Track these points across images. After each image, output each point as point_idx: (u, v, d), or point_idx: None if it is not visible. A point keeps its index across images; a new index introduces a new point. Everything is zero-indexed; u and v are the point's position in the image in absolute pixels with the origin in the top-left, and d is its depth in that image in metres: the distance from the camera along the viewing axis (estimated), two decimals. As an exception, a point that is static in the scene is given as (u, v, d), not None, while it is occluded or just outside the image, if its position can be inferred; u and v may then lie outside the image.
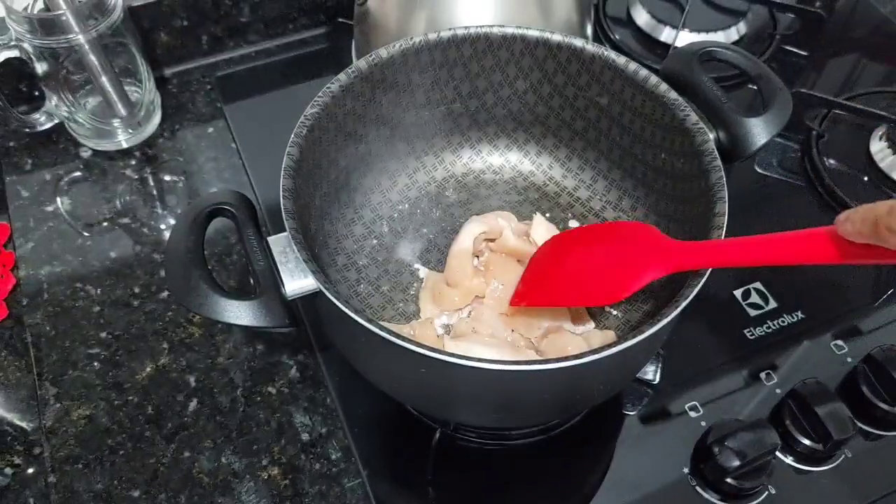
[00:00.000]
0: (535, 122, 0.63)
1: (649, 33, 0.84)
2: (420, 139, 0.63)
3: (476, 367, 0.40)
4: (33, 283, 0.64)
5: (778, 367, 0.60)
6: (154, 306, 0.63)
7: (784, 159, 0.75)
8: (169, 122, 0.76)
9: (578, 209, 0.64)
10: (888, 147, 0.73)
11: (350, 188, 0.60)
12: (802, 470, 0.55)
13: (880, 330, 0.63)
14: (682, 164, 0.53)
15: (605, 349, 0.41)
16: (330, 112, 0.53)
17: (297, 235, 0.45)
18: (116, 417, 0.57)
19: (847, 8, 0.92)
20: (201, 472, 0.55)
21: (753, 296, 0.64)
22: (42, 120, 0.72)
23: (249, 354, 0.61)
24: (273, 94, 0.79)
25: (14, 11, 0.63)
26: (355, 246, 0.61)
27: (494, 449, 0.57)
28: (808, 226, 0.40)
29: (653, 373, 0.59)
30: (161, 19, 0.77)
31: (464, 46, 0.57)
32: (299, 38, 0.84)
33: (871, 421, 0.57)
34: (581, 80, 0.58)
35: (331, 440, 0.57)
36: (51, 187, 0.71)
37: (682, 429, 0.57)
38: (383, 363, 0.47)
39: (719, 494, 0.54)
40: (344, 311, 0.42)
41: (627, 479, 0.55)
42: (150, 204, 0.70)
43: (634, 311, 0.58)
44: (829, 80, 0.83)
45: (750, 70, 0.55)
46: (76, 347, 0.61)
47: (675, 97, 0.53)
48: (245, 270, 0.66)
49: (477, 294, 0.57)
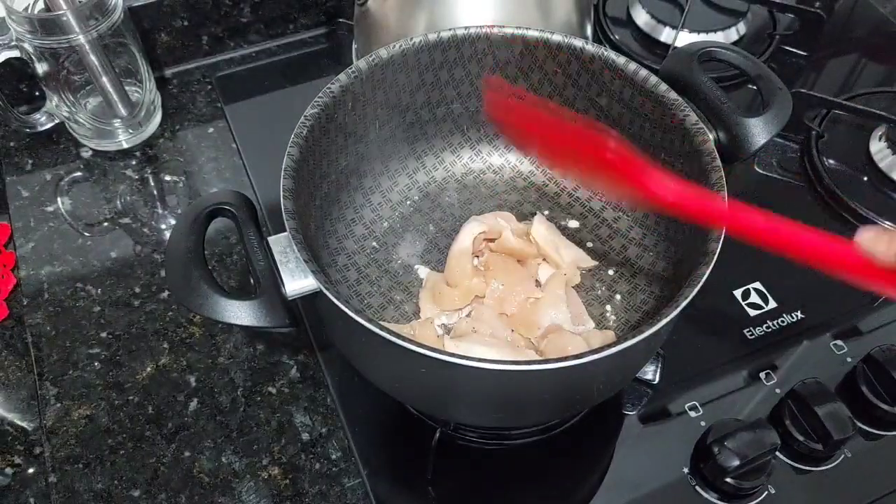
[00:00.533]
0: (535, 122, 0.63)
1: (649, 33, 0.84)
2: (420, 139, 0.63)
3: (476, 367, 0.40)
4: (34, 283, 0.64)
5: (778, 367, 0.60)
6: (154, 306, 0.63)
7: (784, 159, 0.75)
8: (169, 123, 0.76)
9: (578, 209, 0.64)
10: (888, 147, 0.73)
11: (350, 188, 0.60)
12: (802, 470, 0.55)
13: (880, 330, 0.63)
14: (682, 164, 0.53)
15: (605, 349, 0.41)
16: (330, 112, 0.53)
17: (297, 235, 0.45)
18: (117, 417, 0.57)
19: (847, 8, 0.92)
20: (202, 472, 0.55)
21: (753, 296, 0.64)
22: (43, 120, 0.72)
23: (250, 354, 0.61)
24: (273, 94, 0.79)
25: (14, 12, 0.63)
26: (355, 246, 0.61)
27: (494, 449, 0.57)
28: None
29: (653, 373, 0.59)
30: (161, 19, 0.77)
31: (464, 46, 0.57)
32: (299, 38, 0.84)
33: (871, 421, 0.57)
34: (581, 80, 0.58)
35: (331, 440, 0.57)
36: (51, 187, 0.71)
37: (681, 429, 0.57)
38: (383, 363, 0.47)
39: (719, 494, 0.54)
40: (344, 311, 0.42)
41: (627, 479, 0.55)
42: (150, 204, 0.70)
43: (634, 311, 0.58)
44: (828, 81, 0.83)
45: (750, 70, 0.55)
46: (77, 347, 0.61)
47: (674, 97, 0.53)
48: (245, 270, 0.66)
49: (477, 294, 0.57)
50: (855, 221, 0.69)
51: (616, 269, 0.60)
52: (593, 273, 0.60)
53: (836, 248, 0.38)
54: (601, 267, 0.61)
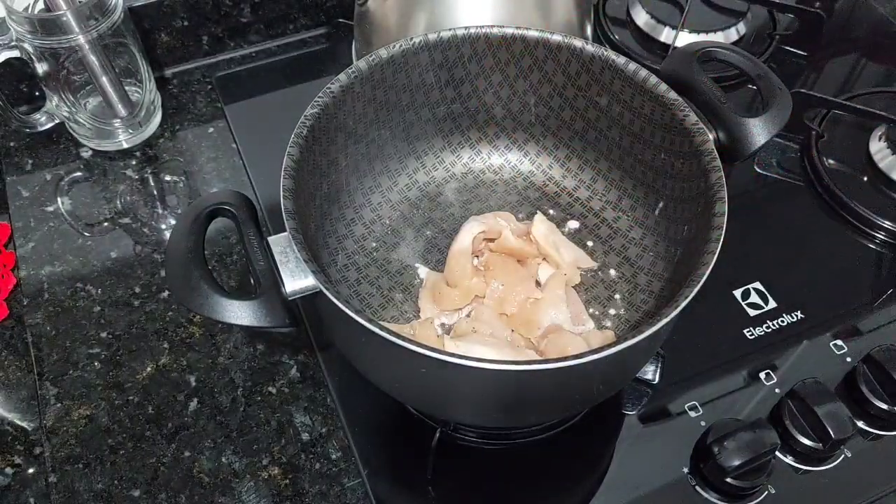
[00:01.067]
0: (534, 122, 0.63)
1: (649, 34, 0.84)
2: (420, 139, 0.63)
3: (476, 367, 0.40)
4: (34, 283, 0.64)
5: (777, 367, 0.60)
6: (154, 306, 0.63)
7: (783, 159, 0.75)
8: (169, 123, 0.76)
9: (578, 209, 0.64)
10: (888, 147, 0.73)
11: (350, 188, 0.60)
12: (802, 469, 0.56)
13: (880, 330, 0.63)
14: (682, 164, 0.53)
15: (605, 349, 0.41)
16: (330, 112, 0.53)
17: (297, 235, 0.45)
18: (117, 417, 0.57)
19: (847, 8, 0.92)
20: (201, 472, 0.55)
21: (753, 296, 0.64)
22: (43, 120, 0.72)
23: (250, 354, 0.61)
24: (273, 94, 0.79)
25: (15, 12, 0.63)
26: (355, 246, 0.61)
27: (494, 449, 0.57)
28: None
29: (653, 373, 0.59)
30: (161, 19, 0.77)
31: (464, 46, 0.57)
32: (299, 38, 0.84)
33: (871, 421, 0.57)
34: (581, 80, 0.58)
35: (331, 440, 0.57)
36: (51, 187, 0.71)
37: (681, 429, 0.57)
38: (383, 363, 0.47)
39: (719, 494, 0.54)
40: (344, 311, 0.42)
41: (627, 479, 0.55)
42: (150, 204, 0.70)
43: (634, 311, 0.58)
44: (828, 81, 0.83)
45: (749, 70, 0.55)
46: (77, 347, 0.61)
47: (674, 97, 0.53)
48: (245, 270, 0.66)
49: (477, 294, 0.57)
50: (855, 221, 0.69)
51: (616, 269, 0.60)
52: (593, 273, 0.60)
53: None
54: (601, 267, 0.61)
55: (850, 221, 0.69)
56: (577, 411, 0.57)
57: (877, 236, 0.69)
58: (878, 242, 0.69)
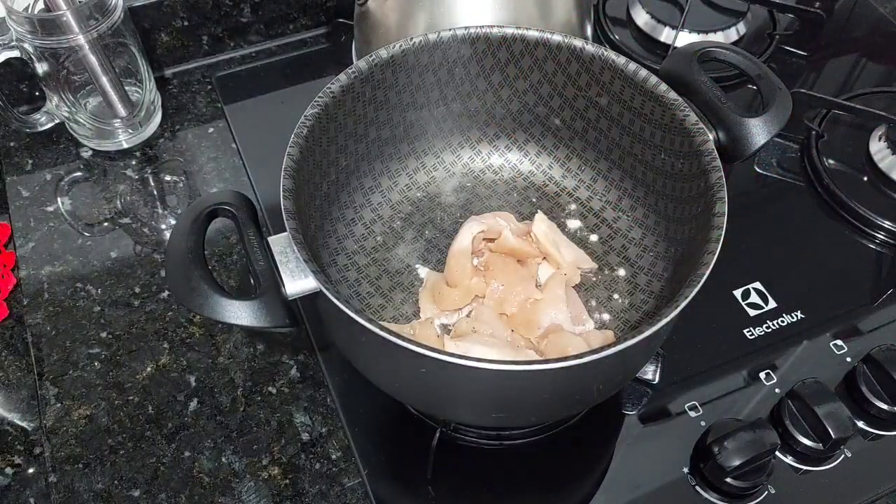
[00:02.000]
0: (534, 122, 0.63)
1: (649, 34, 0.84)
2: (420, 139, 0.63)
3: (476, 367, 0.40)
4: (34, 283, 0.64)
5: (777, 367, 0.60)
6: (154, 306, 0.63)
7: (783, 159, 0.75)
8: (169, 123, 0.76)
9: (578, 209, 0.64)
10: (887, 147, 0.73)
11: (350, 188, 0.60)
12: (802, 470, 0.56)
13: (880, 330, 0.63)
14: (682, 164, 0.53)
15: (605, 349, 0.41)
16: (330, 112, 0.53)
17: (297, 235, 0.45)
18: (117, 417, 0.57)
19: (846, 8, 0.92)
20: (201, 472, 0.55)
21: (753, 296, 0.64)
22: (43, 120, 0.72)
23: (250, 354, 0.61)
24: (273, 94, 0.79)
25: (15, 12, 0.63)
26: (356, 246, 0.61)
27: (494, 449, 0.57)
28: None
29: (653, 373, 0.59)
30: (161, 19, 0.77)
31: (464, 47, 0.57)
32: (299, 38, 0.84)
33: (871, 421, 0.57)
34: (581, 80, 0.58)
35: (331, 440, 0.57)
36: (51, 187, 0.71)
37: (681, 429, 0.57)
38: (383, 363, 0.47)
39: (719, 494, 0.54)
40: (344, 311, 0.42)
41: (627, 479, 0.55)
42: (150, 204, 0.70)
43: (634, 311, 0.58)
44: (828, 81, 0.83)
45: (749, 70, 0.55)
46: (77, 347, 0.61)
47: (674, 97, 0.53)
48: (245, 270, 0.66)
49: (477, 294, 0.57)
50: (855, 221, 0.69)
51: (616, 269, 0.60)
52: (593, 273, 0.60)
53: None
54: (601, 267, 0.61)
55: (850, 221, 0.69)
56: (577, 411, 0.57)
57: (877, 236, 0.69)
58: (878, 242, 0.69)
